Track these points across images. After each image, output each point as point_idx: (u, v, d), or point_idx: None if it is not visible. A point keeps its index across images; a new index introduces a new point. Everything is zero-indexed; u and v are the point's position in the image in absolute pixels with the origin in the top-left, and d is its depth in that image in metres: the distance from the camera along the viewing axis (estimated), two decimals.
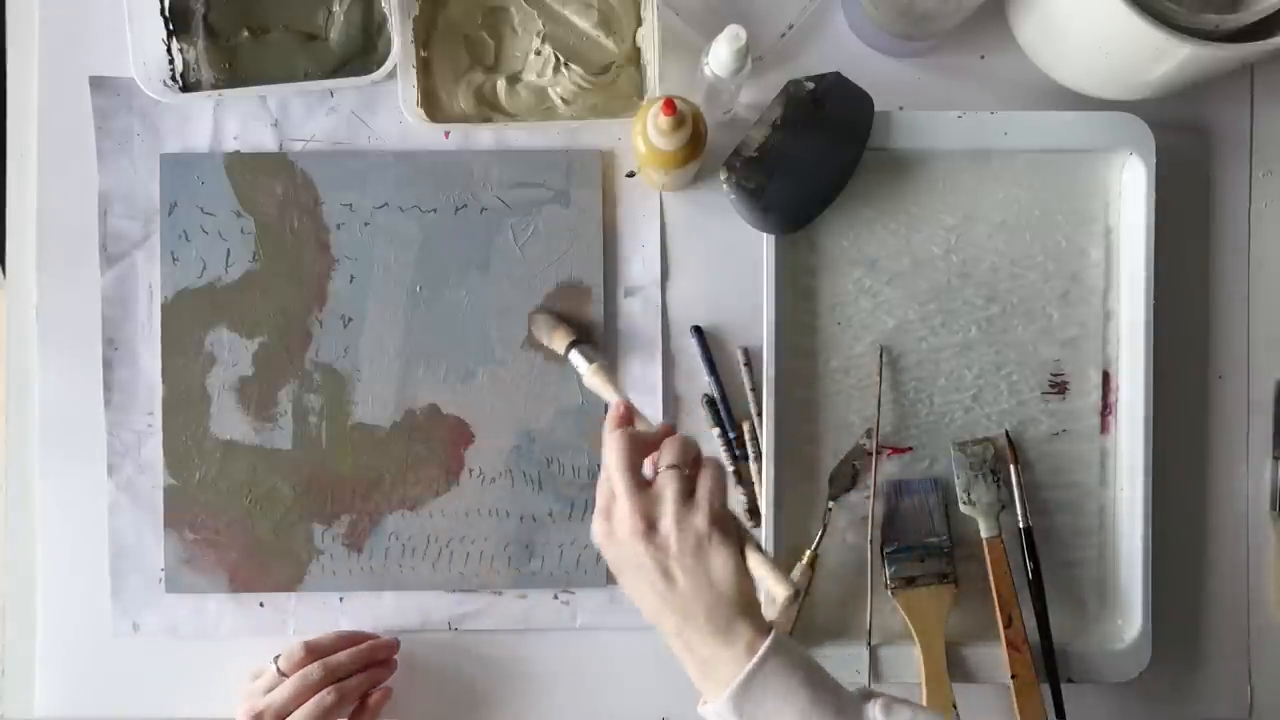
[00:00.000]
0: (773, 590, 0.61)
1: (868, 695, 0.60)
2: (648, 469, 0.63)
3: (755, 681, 0.58)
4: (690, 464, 0.62)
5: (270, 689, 0.73)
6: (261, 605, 0.79)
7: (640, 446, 0.63)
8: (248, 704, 0.72)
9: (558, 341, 0.75)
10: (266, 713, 0.71)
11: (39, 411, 0.79)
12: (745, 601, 0.60)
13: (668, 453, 0.63)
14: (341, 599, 0.79)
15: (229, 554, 0.78)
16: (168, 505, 0.78)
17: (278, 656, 0.74)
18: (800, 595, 0.60)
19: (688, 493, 0.61)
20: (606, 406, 0.68)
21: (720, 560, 0.60)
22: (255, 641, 0.78)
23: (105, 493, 0.79)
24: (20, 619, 0.79)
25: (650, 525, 0.60)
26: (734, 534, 0.61)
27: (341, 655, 0.74)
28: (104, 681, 0.79)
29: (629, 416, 0.66)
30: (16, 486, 0.80)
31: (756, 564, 0.61)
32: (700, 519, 0.60)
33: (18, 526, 0.79)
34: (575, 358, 0.74)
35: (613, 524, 0.62)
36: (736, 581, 0.60)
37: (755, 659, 0.58)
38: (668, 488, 0.61)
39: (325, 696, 0.72)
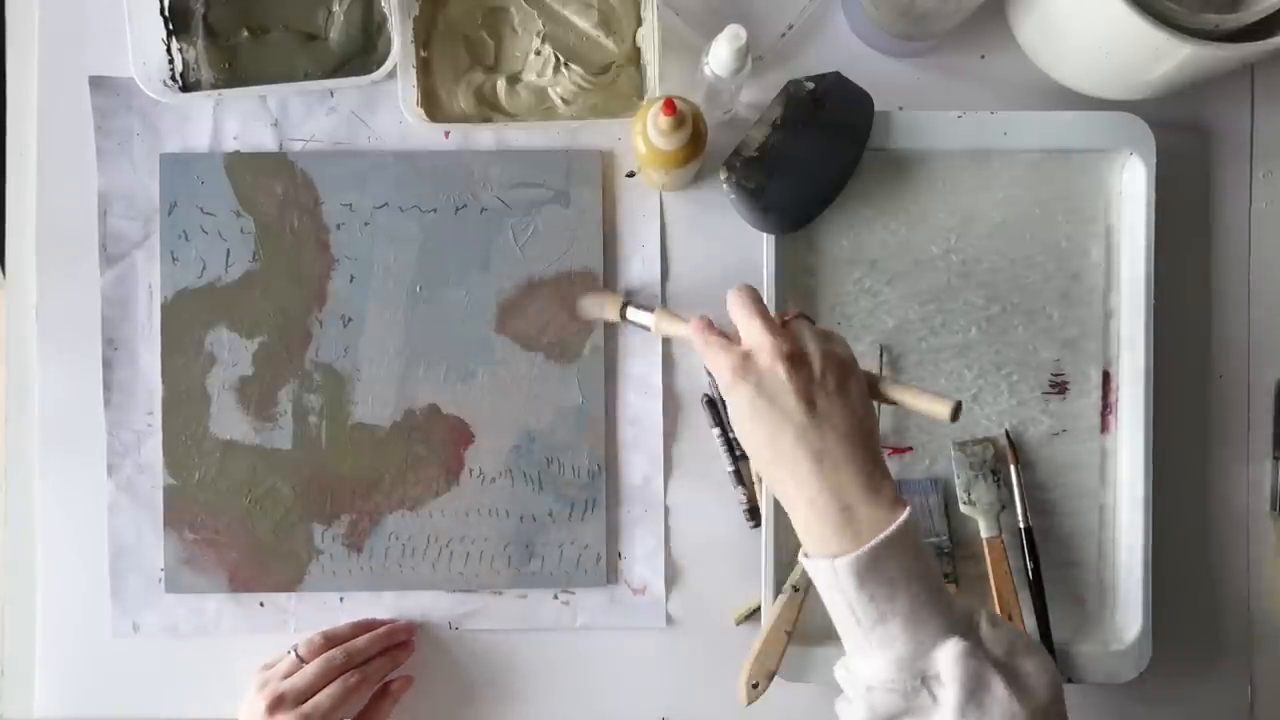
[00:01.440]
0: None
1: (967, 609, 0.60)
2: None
3: (890, 548, 0.57)
4: None
5: (289, 674, 0.73)
6: (261, 605, 0.79)
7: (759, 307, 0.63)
8: (268, 689, 0.72)
9: (611, 310, 0.76)
10: (289, 696, 0.71)
11: (39, 411, 0.79)
12: (880, 450, 0.60)
13: (792, 308, 0.64)
14: (341, 599, 0.79)
15: (229, 554, 0.78)
16: (168, 505, 0.78)
17: (295, 646, 0.74)
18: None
19: (823, 334, 0.62)
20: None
21: (861, 390, 0.61)
22: (255, 641, 0.78)
23: (105, 493, 0.79)
24: (20, 619, 0.79)
25: (795, 350, 0.60)
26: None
27: (361, 640, 0.75)
28: (104, 681, 0.79)
29: (710, 324, 0.65)
30: (16, 486, 0.80)
31: (904, 393, 0.62)
32: (842, 349, 0.62)
33: (18, 526, 0.79)
34: (633, 313, 0.75)
35: (752, 356, 0.60)
36: (874, 418, 0.61)
37: (898, 523, 0.57)
38: (804, 327, 0.62)
39: (349, 678, 0.73)
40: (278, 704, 0.71)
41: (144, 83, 0.75)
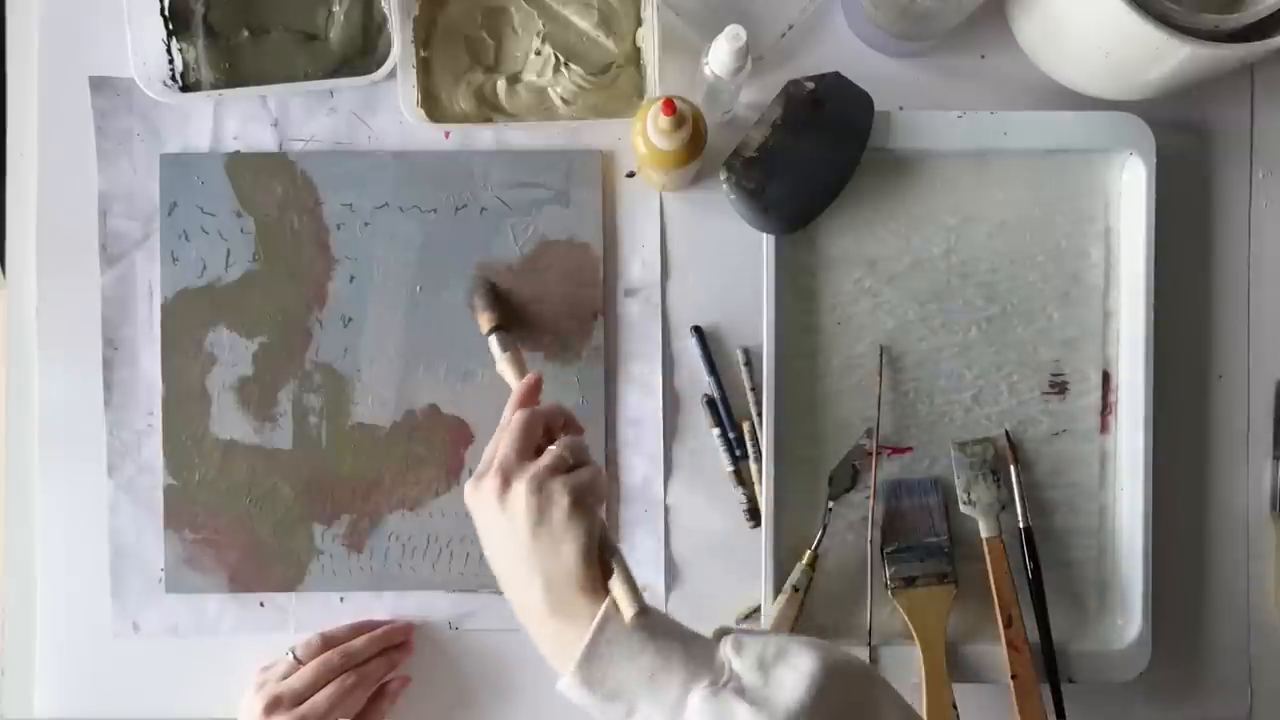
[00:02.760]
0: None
1: (723, 633, 0.60)
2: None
3: (596, 652, 0.57)
4: (579, 461, 0.62)
5: (286, 676, 0.73)
6: (262, 605, 0.79)
7: (537, 429, 0.63)
8: (265, 690, 0.72)
9: (482, 323, 0.75)
10: (286, 697, 0.71)
11: (39, 411, 0.79)
12: (587, 582, 0.59)
13: (561, 444, 0.62)
14: (342, 599, 0.79)
15: (229, 554, 0.78)
16: (168, 505, 0.78)
17: (293, 647, 0.75)
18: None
19: (560, 469, 0.61)
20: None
21: (571, 535, 0.59)
22: (255, 641, 0.78)
23: (105, 493, 0.79)
24: (20, 619, 0.79)
25: (507, 484, 0.60)
26: (591, 523, 0.60)
27: (359, 641, 0.75)
28: (104, 681, 0.79)
29: (534, 395, 0.66)
30: (16, 486, 0.80)
31: (611, 577, 0.60)
32: (558, 489, 0.59)
33: (18, 526, 0.79)
34: (492, 344, 0.74)
35: (480, 484, 0.61)
36: (582, 562, 0.59)
37: (590, 631, 0.57)
38: (544, 458, 0.61)
39: (346, 679, 0.73)
40: (275, 705, 0.71)
41: (144, 83, 0.75)
